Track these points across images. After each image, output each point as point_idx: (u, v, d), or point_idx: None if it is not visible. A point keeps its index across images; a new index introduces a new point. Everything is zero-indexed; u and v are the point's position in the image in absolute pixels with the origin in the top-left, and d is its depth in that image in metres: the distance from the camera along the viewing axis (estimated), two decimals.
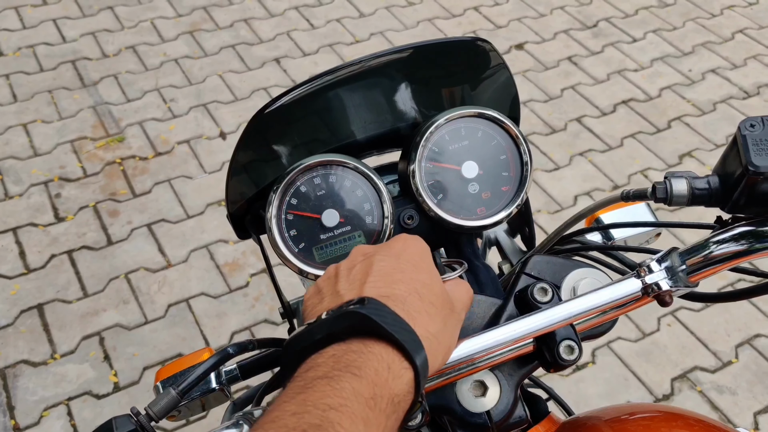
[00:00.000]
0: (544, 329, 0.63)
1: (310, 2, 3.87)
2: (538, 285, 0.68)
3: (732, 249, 0.62)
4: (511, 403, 0.72)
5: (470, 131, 0.80)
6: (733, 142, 0.61)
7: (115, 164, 2.94)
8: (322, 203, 0.78)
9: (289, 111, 0.81)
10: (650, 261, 0.64)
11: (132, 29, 3.63)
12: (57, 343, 2.32)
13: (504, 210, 0.79)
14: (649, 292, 0.63)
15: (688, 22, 3.81)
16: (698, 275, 0.63)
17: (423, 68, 0.84)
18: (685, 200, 0.65)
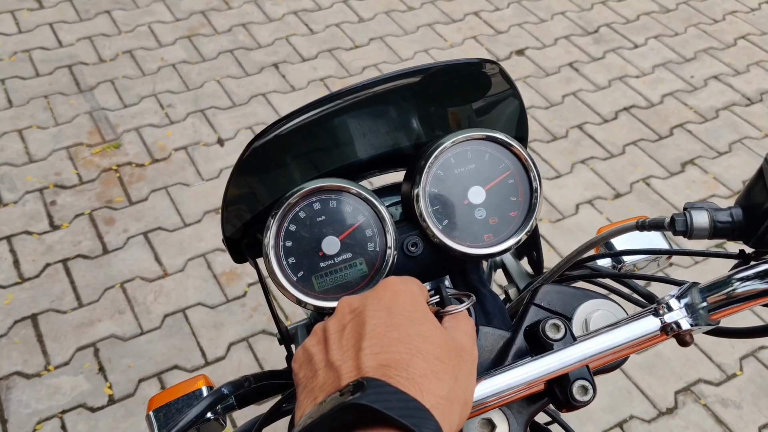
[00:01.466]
0: (558, 372, 0.59)
1: (309, 7, 3.84)
2: (549, 321, 0.65)
3: (757, 287, 0.59)
4: None
5: (477, 154, 0.77)
6: (759, 173, 0.58)
7: (112, 171, 2.90)
8: (321, 230, 0.74)
9: (289, 135, 0.78)
10: (669, 298, 0.61)
11: (129, 33, 3.60)
12: (51, 355, 2.28)
13: (513, 237, 0.76)
14: (668, 331, 0.60)
15: (690, 28, 3.78)
16: (720, 313, 0.60)
17: (429, 89, 0.80)
18: (706, 233, 0.61)
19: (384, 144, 0.83)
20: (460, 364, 0.55)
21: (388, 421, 0.46)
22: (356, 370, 0.51)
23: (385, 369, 0.50)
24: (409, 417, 0.47)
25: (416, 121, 0.81)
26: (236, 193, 0.78)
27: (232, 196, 0.78)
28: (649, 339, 0.61)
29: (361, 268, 0.75)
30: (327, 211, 0.75)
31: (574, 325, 0.70)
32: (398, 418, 0.46)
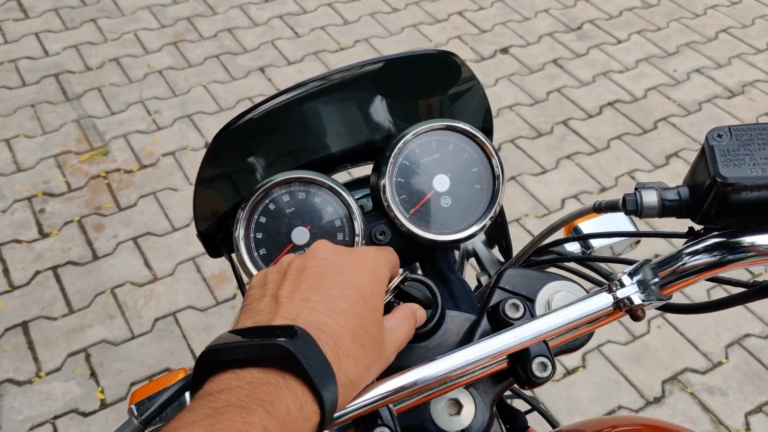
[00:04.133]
0: (515, 347, 0.61)
1: (294, 10, 3.87)
2: (509, 301, 0.67)
3: (704, 261, 0.61)
4: (486, 421, 0.70)
5: (441, 144, 0.79)
6: (701, 152, 0.60)
7: (100, 178, 2.91)
8: (291, 221, 0.76)
9: (257, 126, 0.80)
10: (621, 275, 0.63)
11: (115, 41, 3.62)
12: (42, 361, 2.30)
13: (477, 223, 0.78)
14: (621, 306, 0.62)
15: (672, 23, 3.81)
16: (671, 288, 0.62)
17: (393, 81, 0.82)
18: (655, 212, 0.64)
19: (353, 138, 0.85)
20: (377, 359, 0.58)
21: (303, 376, 0.49)
22: (294, 316, 0.54)
23: (318, 330, 0.53)
24: (320, 380, 0.50)
25: (386, 115, 0.84)
26: (206, 188, 0.80)
27: (202, 191, 0.80)
28: (605, 315, 0.63)
29: None
30: (296, 203, 0.77)
31: (537, 306, 0.72)
32: (312, 377, 0.49)
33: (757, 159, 0.57)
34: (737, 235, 0.60)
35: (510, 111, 3.28)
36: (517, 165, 3.02)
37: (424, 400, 0.67)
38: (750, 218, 0.59)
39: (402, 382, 0.60)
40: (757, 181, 0.56)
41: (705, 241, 0.61)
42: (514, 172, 2.98)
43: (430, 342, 0.73)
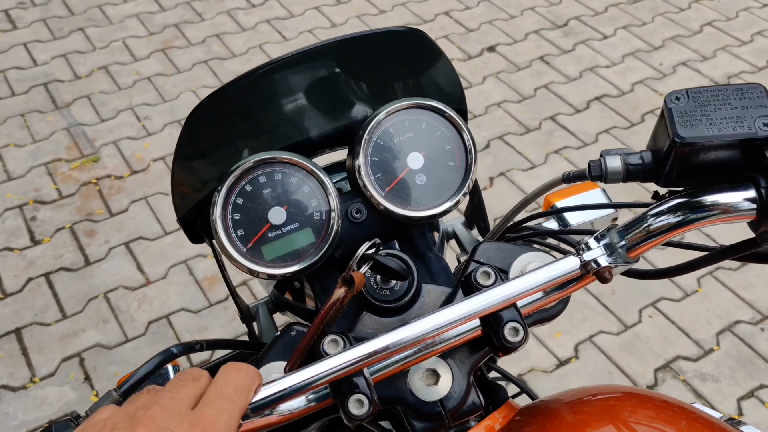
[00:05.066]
0: (486, 310, 0.63)
1: (281, 15, 3.88)
2: (481, 269, 0.68)
3: (668, 221, 0.62)
4: (464, 390, 0.71)
5: (414, 123, 0.80)
6: (660, 116, 0.61)
7: (91, 184, 2.92)
8: (268, 201, 0.77)
9: (230, 106, 0.81)
10: (588, 239, 0.64)
11: (104, 50, 3.63)
12: (36, 367, 2.30)
13: (451, 199, 0.80)
14: (589, 269, 0.63)
15: (657, 17, 3.84)
16: (637, 250, 0.64)
17: (364, 60, 0.84)
18: (620, 177, 0.65)
19: (329, 122, 0.86)
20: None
21: None
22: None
23: None
24: None
25: (361, 97, 0.85)
26: (182, 172, 0.81)
27: (178, 175, 0.81)
28: (574, 279, 0.65)
29: (308, 236, 0.78)
30: (272, 184, 0.78)
31: (510, 276, 0.73)
32: None
33: (713, 119, 0.58)
34: (698, 195, 0.61)
35: (498, 108, 3.30)
36: (506, 161, 3.04)
37: (400, 369, 0.68)
38: (710, 178, 0.61)
39: (376, 345, 0.61)
40: (714, 140, 0.57)
41: (668, 202, 0.63)
42: (504, 168, 3.00)
43: (407, 315, 0.75)
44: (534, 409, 0.80)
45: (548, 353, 2.34)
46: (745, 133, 0.57)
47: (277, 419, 0.62)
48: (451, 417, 0.71)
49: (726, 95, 0.59)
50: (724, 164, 0.59)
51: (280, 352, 0.72)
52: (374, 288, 0.74)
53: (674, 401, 0.75)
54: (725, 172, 0.59)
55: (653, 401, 0.77)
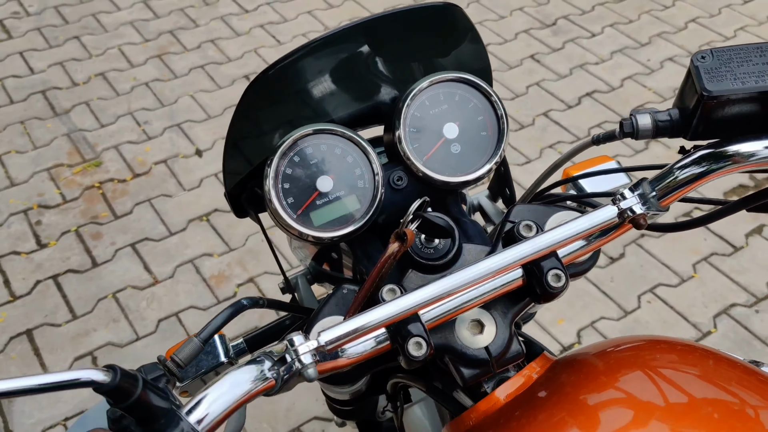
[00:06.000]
0: (530, 256, 0.68)
1: (274, 20, 3.94)
2: (523, 222, 0.74)
3: (694, 172, 0.68)
4: (507, 339, 0.77)
5: (448, 96, 0.86)
6: (687, 75, 0.67)
7: (94, 188, 2.95)
8: (315, 171, 0.83)
9: (276, 86, 0.86)
10: (623, 189, 0.70)
11: (100, 57, 3.66)
12: (49, 366, 2.33)
13: (486, 165, 0.85)
14: (625, 217, 0.69)
15: (643, 15, 3.93)
16: (667, 199, 0.70)
17: (402, 38, 0.89)
18: (650, 133, 0.71)
19: (367, 99, 0.91)
20: None
21: None
22: None
23: None
24: None
25: (396, 74, 0.90)
26: (232, 149, 0.86)
27: (229, 152, 0.86)
28: (611, 227, 0.71)
29: (353, 203, 0.83)
30: (318, 154, 0.83)
31: None
32: None
33: (737, 74, 0.64)
34: (722, 146, 0.67)
35: None
36: None
37: (448, 318, 0.73)
38: (732, 131, 0.67)
39: (431, 290, 0.66)
40: (738, 93, 0.64)
41: (694, 154, 0.69)
42: None
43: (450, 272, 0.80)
44: (568, 360, 0.86)
45: (552, 339, 2.40)
46: (766, 85, 0.63)
47: (344, 362, 0.67)
48: (496, 363, 0.77)
49: (747, 53, 0.65)
50: (747, 117, 0.65)
51: (334, 307, 0.77)
52: (419, 247, 0.80)
53: (699, 345, 0.80)
54: (748, 125, 0.66)
55: (679, 346, 0.83)
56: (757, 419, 0.78)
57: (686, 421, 0.76)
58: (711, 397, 0.79)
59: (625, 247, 2.69)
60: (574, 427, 0.79)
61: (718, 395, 0.79)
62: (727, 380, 0.80)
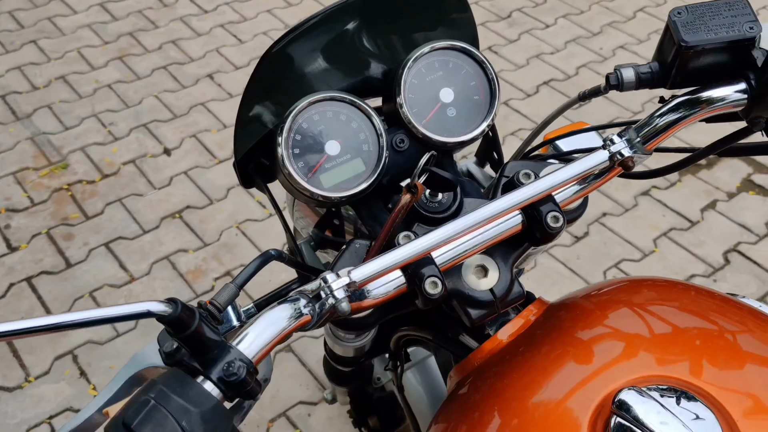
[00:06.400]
0: (531, 199, 0.75)
1: (234, 19, 3.96)
2: (522, 171, 0.81)
3: (673, 117, 0.76)
4: (509, 281, 0.84)
5: (442, 63, 0.92)
6: (665, 29, 0.75)
7: (63, 190, 2.94)
8: (323, 136, 0.88)
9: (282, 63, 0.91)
10: (612, 136, 0.78)
11: (59, 60, 3.64)
12: (29, 367, 2.32)
13: (480, 125, 0.92)
14: (615, 160, 0.76)
15: (594, 5, 4.08)
16: (651, 144, 0.77)
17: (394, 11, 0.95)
18: (633, 85, 0.79)
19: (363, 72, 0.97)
20: None
21: None
22: None
23: None
24: None
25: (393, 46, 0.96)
26: (244, 118, 0.91)
27: (242, 121, 0.91)
28: (603, 171, 0.78)
29: (359, 166, 0.89)
30: (325, 121, 0.89)
31: None
32: None
33: (710, 26, 0.72)
34: (698, 92, 0.75)
35: None
36: None
37: (456, 262, 0.80)
38: (706, 79, 0.75)
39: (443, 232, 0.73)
40: (712, 42, 0.72)
41: (672, 102, 0.77)
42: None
43: None
44: (562, 303, 0.94)
45: None
46: (736, 35, 0.71)
47: (370, 302, 0.73)
48: (500, 303, 0.84)
49: (718, 8, 0.73)
50: (718, 65, 0.73)
51: (348, 260, 0.83)
52: (424, 202, 0.86)
53: (679, 281, 0.89)
54: (719, 73, 0.74)
55: (660, 282, 0.91)
56: (735, 342, 0.86)
57: (671, 349, 0.84)
58: (692, 325, 0.87)
59: (589, 226, 2.80)
60: (570, 360, 0.86)
61: (698, 324, 0.87)
62: (705, 310, 0.88)
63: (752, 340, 0.87)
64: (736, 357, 0.84)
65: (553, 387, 0.84)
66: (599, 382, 0.80)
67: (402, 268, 0.76)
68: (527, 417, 0.83)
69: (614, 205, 2.88)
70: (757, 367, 0.83)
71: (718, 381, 0.78)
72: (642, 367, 0.81)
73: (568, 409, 0.81)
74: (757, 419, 0.76)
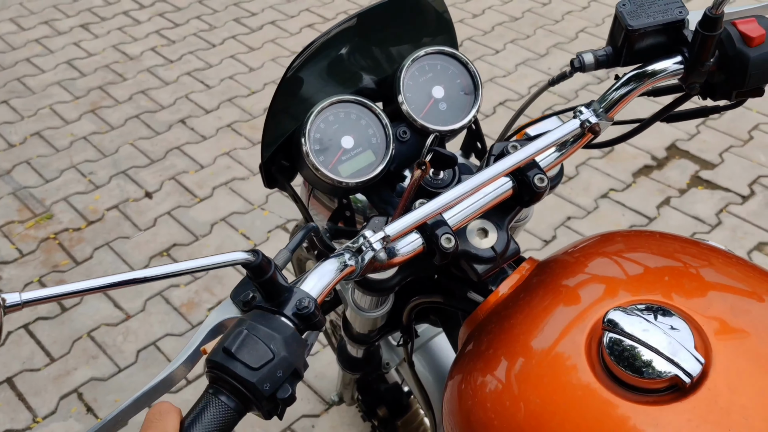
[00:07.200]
0: (519, 163, 0.91)
1: (199, 66, 4.12)
2: (510, 143, 0.98)
3: (627, 89, 0.95)
4: (506, 239, 1.00)
5: (432, 66, 1.10)
6: (614, 18, 0.94)
7: (50, 239, 3.03)
8: (338, 133, 1.04)
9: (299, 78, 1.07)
10: (580, 107, 0.95)
11: (32, 117, 3.74)
12: (36, 408, 2.39)
13: (468, 116, 1.09)
14: (585, 127, 0.94)
15: (538, 30, 4.35)
16: (612, 112, 0.95)
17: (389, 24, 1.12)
18: (593, 66, 0.97)
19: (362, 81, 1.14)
20: None
21: None
22: None
23: None
24: None
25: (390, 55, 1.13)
26: (270, 123, 1.07)
27: (268, 126, 1.07)
28: (576, 137, 0.95)
29: (370, 157, 1.05)
30: (339, 120, 1.05)
31: None
32: None
33: (649, 13, 0.91)
34: (644, 67, 0.94)
35: None
36: None
37: (462, 224, 0.96)
38: (650, 56, 0.94)
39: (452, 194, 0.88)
40: (651, 25, 0.90)
41: (624, 77, 0.95)
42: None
43: None
44: (550, 259, 1.10)
45: None
46: (669, 18, 0.90)
47: (399, 259, 0.88)
48: (501, 258, 0.99)
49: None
50: (660, 44, 0.92)
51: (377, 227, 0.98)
52: (429, 180, 1.03)
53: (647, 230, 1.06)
54: (661, 50, 0.92)
55: (632, 233, 1.08)
56: (699, 275, 1.04)
57: (646, 283, 1.01)
58: (662, 264, 1.04)
59: (556, 230, 2.99)
60: (560, 303, 1.02)
61: (667, 262, 1.04)
62: (672, 251, 1.06)
63: (713, 272, 1.05)
64: (700, 284, 1.01)
65: (550, 326, 1.00)
66: (588, 313, 0.97)
67: (420, 230, 0.91)
68: (532, 354, 0.98)
69: (577, 209, 3.09)
70: (719, 292, 1.00)
71: (686, 302, 0.95)
72: (623, 297, 0.98)
73: (565, 339, 0.96)
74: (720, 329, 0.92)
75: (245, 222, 3.09)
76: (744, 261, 1.02)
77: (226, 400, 0.69)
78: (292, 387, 0.71)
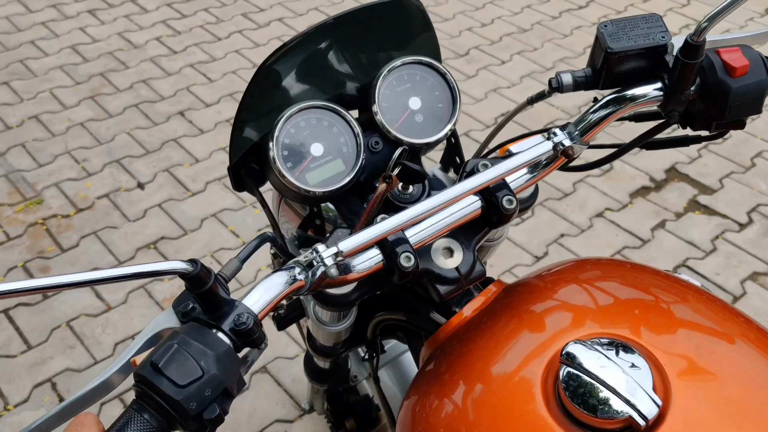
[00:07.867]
0: (487, 182, 0.87)
1: (203, 59, 4.10)
2: (480, 162, 0.94)
3: (604, 113, 0.91)
4: (472, 260, 0.96)
5: (410, 76, 1.06)
6: (595, 41, 0.90)
7: (38, 225, 3.00)
8: (308, 139, 1.01)
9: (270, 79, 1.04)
10: (554, 128, 0.92)
11: (32, 101, 3.72)
12: (8, 395, 2.36)
13: (444, 129, 1.06)
14: (558, 149, 0.90)
15: (546, 43, 4.32)
16: (587, 136, 0.91)
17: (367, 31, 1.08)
18: (571, 87, 0.93)
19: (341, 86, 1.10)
20: None
21: None
22: None
23: None
24: None
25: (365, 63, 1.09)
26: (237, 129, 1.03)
27: (234, 132, 1.03)
28: (549, 160, 0.92)
29: (339, 166, 1.02)
30: (310, 126, 1.01)
31: None
32: None
33: (630, 36, 0.88)
34: (622, 91, 0.90)
35: None
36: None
37: (427, 241, 0.92)
38: (630, 81, 0.90)
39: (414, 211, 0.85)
40: (632, 49, 0.87)
41: (602, 100, 0.91)
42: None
43: None
44: (517, 283, 1.06)
45: None
46: (651, 42, 0.87)
47: (353, 276, 0.85)
48: (465, 280, 0.96)
49: (636, 21, 0.88)
50: (640, 68, 0.88)
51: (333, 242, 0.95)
52: (397, 194, 0.99)
53: (620, 259, 1.02)
54: (641, 74, 0.89)
55: (604, 261, 1.05)
56: (669, 311, 1.00)
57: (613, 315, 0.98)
58: (631, 297, 1.01)
59: (548, 246, 2.96)
60: (525, 330, 0.99)
61: (637, 295, 1.01)
62: (644, 284, 1.02)
63: (684, 309, 1.01)
64: (669, 321, 0.97)
65: (510, 353, 0.96)
66: (550, 344, 0.93)
67: (380, 246, 0.88)
68: (489, 380, 0.95)
69: (571, 226, 3.05)
70: (686, 331, 0.97)
71: (652, 339, 0.91)
72: (589, 329, 0.94)
73: (523, 369, 0.93)
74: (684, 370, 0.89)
75: (236, 219, 3.06)
76: (717, 300, 0.99)
77: (149, 417, 0.65)
78: (222, 407, 0.68)
